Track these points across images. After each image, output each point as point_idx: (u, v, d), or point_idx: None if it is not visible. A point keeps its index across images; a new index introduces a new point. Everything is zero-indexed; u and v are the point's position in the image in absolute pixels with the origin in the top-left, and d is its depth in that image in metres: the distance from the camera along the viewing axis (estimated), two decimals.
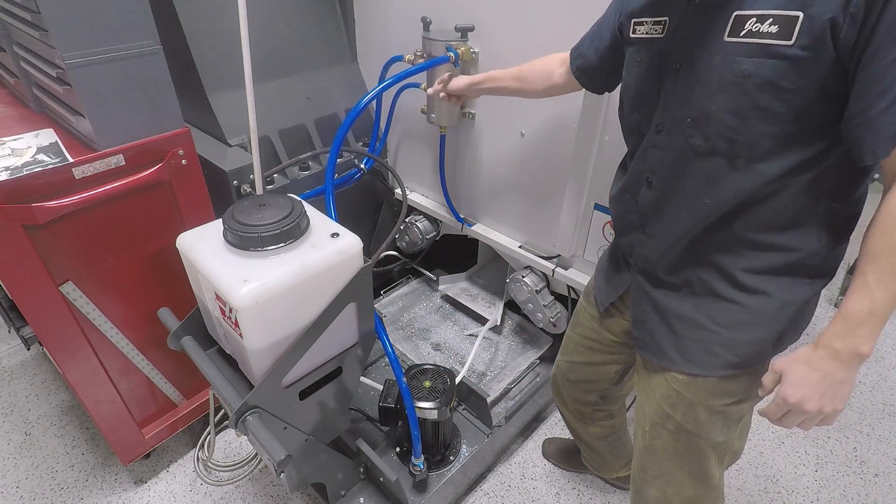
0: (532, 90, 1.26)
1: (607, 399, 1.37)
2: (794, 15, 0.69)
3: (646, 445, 1.10)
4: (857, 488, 1.76)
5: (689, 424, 1.01)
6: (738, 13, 0.74)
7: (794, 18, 0.69)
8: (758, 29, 0.72)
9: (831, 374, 0.79)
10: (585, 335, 1.27)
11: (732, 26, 0.75)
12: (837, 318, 0.78)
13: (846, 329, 0.76)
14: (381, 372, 1.92)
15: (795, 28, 0.69)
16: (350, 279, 1.11)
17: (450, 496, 1.63)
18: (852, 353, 0.77)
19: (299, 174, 1.76)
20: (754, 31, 0.73)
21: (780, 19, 0.70)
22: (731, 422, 1.02)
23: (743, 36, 0.74)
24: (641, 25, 0.91)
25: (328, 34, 1.89)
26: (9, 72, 1.45)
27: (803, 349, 0.82)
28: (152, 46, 1.19)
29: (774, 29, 0.71)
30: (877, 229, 0.73)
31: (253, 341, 1.03)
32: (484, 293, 2.23)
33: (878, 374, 2.20)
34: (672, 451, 1.06)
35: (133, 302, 1.42)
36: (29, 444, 1.87)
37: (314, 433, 1.27)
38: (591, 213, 1.52)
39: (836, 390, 0.80)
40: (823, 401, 0.80)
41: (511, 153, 1.64)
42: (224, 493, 1.72)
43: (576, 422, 1.47)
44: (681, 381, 0.99)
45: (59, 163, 1.15)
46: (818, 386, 0.80)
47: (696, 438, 1.03)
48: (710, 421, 1.00)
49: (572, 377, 1.36)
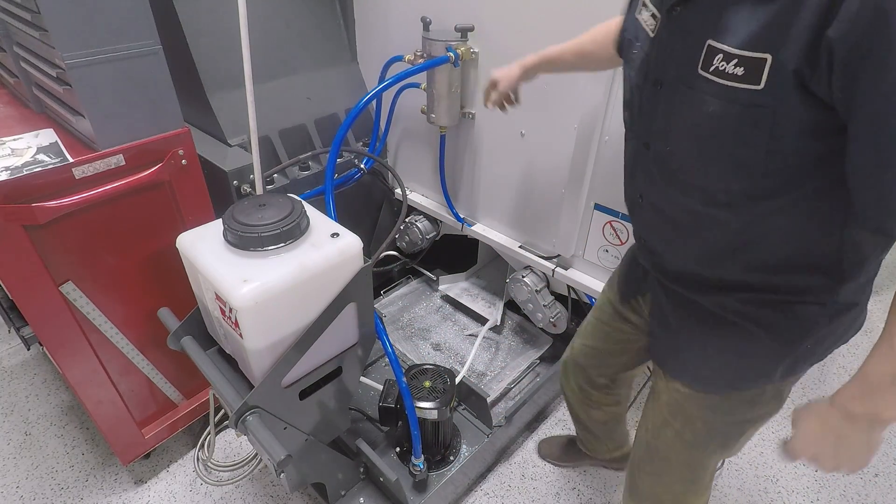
0: (599, 60, 1.11)
1: (617, 383, 1.37)
2: (762, 58, 0.60)
3: (647, 441, 1.11)
4: (857, 488, 1.76)
5: (686, 435, 1.01)
6: (710, 42, 0.65)
7: (762, 62, 0.60)
8: (723, 69, 0.64)
9: (847, 436, 0.72)
10: (604, 321, 1.25)
11: (705, 58, 0.66)
12: (857, 378, 0.70)
13: (865, 392, 0.69)
14: (381, 372, 1.92)
15: (764, 71, 0.60)
16: (350, 279, 1.11)
17: (450, 496, 1.63)
18: (871, 418, 0.70)
19: (299, 174, 1.76)
20: (720, 69, 0.64)
21: (746, 61, 0.61)
22: (729, 439, 1.00)
23: (712, 73, 0.65)
24: (647, 8, 0.79)
25: (328, 34, 1.89)
26: (9, 72, 1.45)
27: (820, 404, 0.75)
28: (152, 46, 1.19)
29: (740, 71, 0.62)
30: None
31: (253, 341, 1.03)
32: (484, 293, 2.23)
33: None
34: (667, 454, 1.08)
35: (133, 302, 1.42)
36: (29, 444, 1.87)
37: (314, 433, 1.27)
38: (591, 213, 1.52)
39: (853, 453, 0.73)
40: (839, 460, 0.74)
41: (511, 153, 1.64)
42: (224, 493, 1.72)
43: (580, 405, 1.47)
44: (683, 394, 0.98)
45: (59, 163, 1.15)
46: (832, 447, 0.74)
47: (691, 449, 1.03)
48: (707, 436, 0.99)
49: (586, 360, 1.35)
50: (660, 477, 1.12)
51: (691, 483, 1.09)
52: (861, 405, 0.70)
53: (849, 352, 2.22)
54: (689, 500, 1.13)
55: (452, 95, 1.61)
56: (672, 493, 1.12)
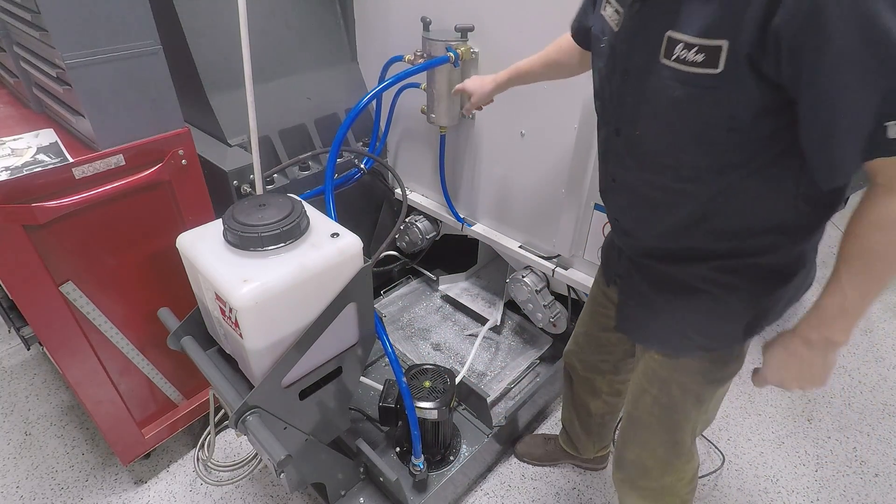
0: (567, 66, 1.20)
1: (620, 370, 1.40)
2: (718, 45, 0.68)
3: (629, 412, 1.19)
4: (857, 488, 1.76)
5: (663, 399, 1.08)
6: (670, 34, 0.72)
7: (719, 48, 0.68)
8: (685, 56, 0.71)
9: (807, 359, 0.84)
10: (597, 308, 1.30)
11: (666, 48, 0.73)
12: (812, 310, 0.81)
13: (820, 321, 0.80)
14: (381, 372, 1.92)
15: (721, 56, 0.68)
16: (350, 279, 1.11)
17: (450, 496, 1.63)
18: (826, 342, 0.81)
19: (299, 174, 1.76)
20: (682, 57, 0.72)
21: (705, 49, 0.69)
22: (703, 399, 1.07)
23: (674, 60, 0.73)
24: (609, 5, 0.86)
25: (328, 34, 1.89)
26: (9, 72, 1.45)
27: (783, 334, 0.87)
28: (152, 46, 1.19)
29: (700, 58, 0.70)
30: (851, 233, 0.75)
31: (253, 341, 1.03)
32: (484, 293, 2.23)
33: (878, 374, 2.20)
34: (647, 422, 1.13)
35: (133, 302, 1.42)
36: (29, 444, 1.87)
37: (314, 433, 1.27)
38: (590, 213, 1.52)
39: (813, 373, 0.85)
40: (802, 382, 0.87)
41: (511, 153, 1.64)
42: (224, 493, 1.72)
43: (584, 394, 1.50)
44: (657, 360, 1.06)
45: (59, 163, 1.15)
46: (795, 369, 0.86)
47: (669, 412, 1.09)
48: (683, 398, 1.06)
49: (589, 348, 1.39)
50: (644, 445, 1.18)
51: (673, 446, 1.14)
52: (817, 332, 0.81)
53: None
54: (675, 463, 1.18)
55: (452, 95, 1.61)
56: (656, 458, 1.17)
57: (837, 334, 0.79)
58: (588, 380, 1.46)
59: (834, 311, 0.78)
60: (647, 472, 1.21)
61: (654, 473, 1.20)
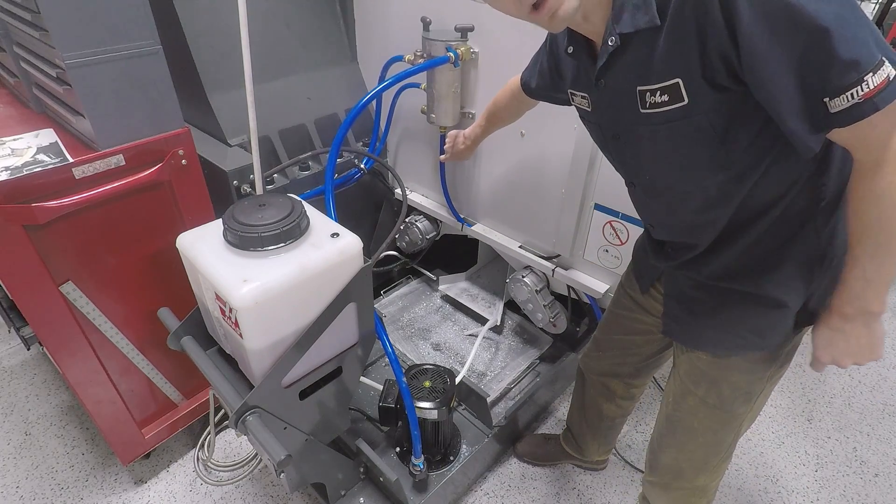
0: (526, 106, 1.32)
1: (640, 374, 1.40)
2: (674, 83, 0.74)
3: (667, 415, 1.18)
4: (857, 488, 1.76)
5: (711, 399, 1.07)
6: (639, 88, 0.79)
7: (676, 85, 0.74)
8: (655, 101, 0.78)
9: (851, 333, 0.85)
10: (624, 314, 1.29)
11: (640, 100, 0.80)
12: (840, 285, 0.84)
13: (849, 295, 0.83)
14: (381, 372, 1.92)
15: (682, 90, 0.74)
16: (350, 279, 1.11)
17: (450, 496, 1.64)
18: (862, 312, 0.82)
19: (299, 174, 1.76)
20: (654, 102, 0.79)
21: (666, 89, 0.76)
22: (752, 397, 1.07)
23: (650, 107, 0.80)
24: (575, 96, 0.97)
25: (328, 34, 1.89)
26: (9, 72, 1.45)
27: (824, 314, 0.89)
28: (152, 46, 1.19)
29: (666, 98, 0.77)
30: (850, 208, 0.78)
31: (253, 341, 1.03)
32: (484, 293, 2.23)
33: (878, 374, 2.20)
34: (689, 424, 1.13)
35: (133, 302, 1.42)
36: (29, 444, 1.87)
37: (314, 433, 1.27)
38: (591, 213, 1.52)
39: (861, 344, 0.86)
40: (854, 356, 0.87)
41: (511, 153, 1.64)
42: (224, 493, 1.72)
43: (598, 398, 1.50)
44: (705, 361, 1.05)
45: (59, 163, 1.15)
46: (842, 345, 0.87)
47: (716, 412, 1.08)
48: (732, 396, 1.06)
49: (611, 352, 1.38)
50: (682, 447, 1.18)
51: (715, 446, 1.14)
52: (850, 305, 0.83)
53: None
54: (712, 462, 1.18)
55: (452, 95, 1.61)
56: (693, 461, 1.18)
57: (870, 304, 0.81)
58: (604, 383, 1.46)
59: (859, 283, 0.80)
60: (681, 474, 1.22)
61: (689, 475, 1.21)
